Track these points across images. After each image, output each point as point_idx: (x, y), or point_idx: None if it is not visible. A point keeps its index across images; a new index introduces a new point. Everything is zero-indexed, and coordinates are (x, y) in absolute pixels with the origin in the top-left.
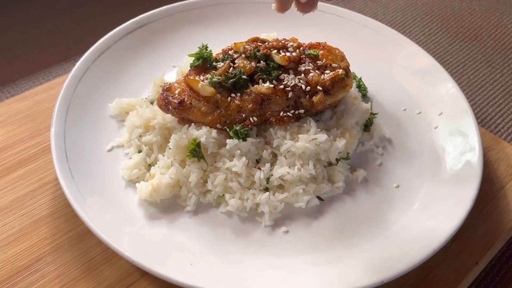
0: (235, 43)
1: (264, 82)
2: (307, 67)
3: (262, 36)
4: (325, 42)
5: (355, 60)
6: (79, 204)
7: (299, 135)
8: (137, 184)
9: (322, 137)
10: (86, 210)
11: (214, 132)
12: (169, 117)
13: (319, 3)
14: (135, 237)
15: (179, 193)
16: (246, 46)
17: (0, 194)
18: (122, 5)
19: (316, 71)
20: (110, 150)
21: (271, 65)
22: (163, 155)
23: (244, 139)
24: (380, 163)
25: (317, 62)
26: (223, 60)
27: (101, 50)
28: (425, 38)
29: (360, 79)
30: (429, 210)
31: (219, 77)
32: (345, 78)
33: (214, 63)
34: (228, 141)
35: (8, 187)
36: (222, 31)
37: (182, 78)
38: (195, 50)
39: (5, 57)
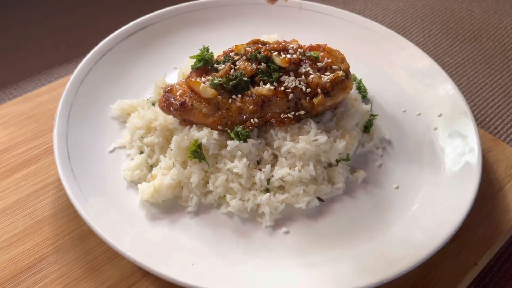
0: (236, 45)
1: (265, 83)
2: (307, 69)
3: (263, 38)
4: (325, 44)
5: (355, 62)
6: (81, 205)
7: (299, 137)
8: (138, 185)
9: (322, 138)
10: (88, 211)
11: (215, 134)
12: (170, 118)
13: (320, 5)
14: (137, 237)
15: (180, 194)
16: (247, 48)
17: (3, 195)
18: (123, 6)
19: (317, 73)
20: (112, 151)
21: (271, 67)
22: (165, 156)
23: (245, 141)
24: (380, 164)
25: (317, 64)
26: (224, 62)
27: (103, 51)
28: (425, 39)
29: (360, 80)
30: (428, 211)
31: (220, 78)
32: (345, 80)
33: (215, 65)
34: (229, 142)
35: (11, 188)
36: (223, 33)
37: (184, 80)
38: (196, 52)
39: (7, 59)
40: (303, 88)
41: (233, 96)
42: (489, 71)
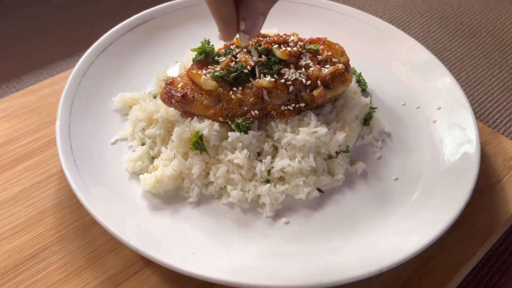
0: (237, 38)
1: (265, 76)
2: (307, 62)
3: (263, 31)
4: (325, 38)
5: (355, 55)
6: (84, 194)
7: (299, 128)
8: (140, 176)
9: (322, 130)
10: (91, 200)
11: (216, 125)
12: (172, 110)
13: (320, 0)
14: (139, 227)
15: (182, 184)
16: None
17: (6, 186)
18: (125, 1)
19: (317, 65)
20: (114, 143)
21: (272, 60)
22: (166, 148)
23: (246, 132)
24: (379, 156)
25: (318, 57)
26: (225, 55)
27: (105, 45)
28: (425, 35)
29: (360, 74)
30: (427, 202)
31: (221, 71)
32: (345, 73)
33: (216, 58)
34: (230, 134)
35: (14, 179)
36: None
37: (185, 72)
38: (198, 45)
39: (10, 53)
40: (303, 80)
41: (234, 88)
42: (488, 66)
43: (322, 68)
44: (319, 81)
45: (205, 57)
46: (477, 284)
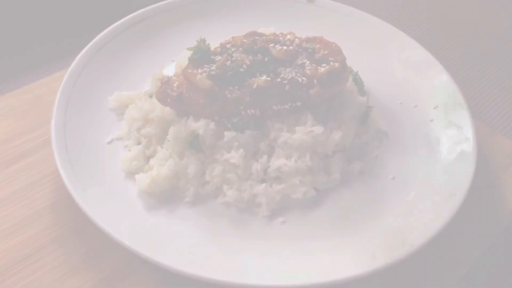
0: (232, 37)
1: (262, 75)
2: (304, 61)
3: (260, 30)
4: (322, 36)
5: (351, 54)
6: (79, 194)
7: (296, 128)
8: (136, 176)
9: (319, 129)
10: (86, 200)
11: (212, 125)
12: (168, 109)
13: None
14: (135, 227)
15: (177, 184)
16: (244, 40)
17: (1, 186)
18: (122, 1)
19: (313, 64)
20: (109, 143)
21: (268, 59)
22: (162, 147)
23: (242, 131)
24: (376, 155)
25: (314, 55)
26: (221, 54)
27: (101, 44)
28: (422, 33)
29: (357, 73)
30: (424, 201)
31: (217, 70)
32: (341, 72)
33: (212, 57)
34: (226, 133)
35: (10, 179)
36: (220, 25)
37: (181, 72)
38: (194, 44)
39: (7, 51)
40: (300, 79)
41: (230, 87)
42: (486, 64)
43: (318, 67)
44: (315, 80)
45: (201, 56)
46: (475, 284)
